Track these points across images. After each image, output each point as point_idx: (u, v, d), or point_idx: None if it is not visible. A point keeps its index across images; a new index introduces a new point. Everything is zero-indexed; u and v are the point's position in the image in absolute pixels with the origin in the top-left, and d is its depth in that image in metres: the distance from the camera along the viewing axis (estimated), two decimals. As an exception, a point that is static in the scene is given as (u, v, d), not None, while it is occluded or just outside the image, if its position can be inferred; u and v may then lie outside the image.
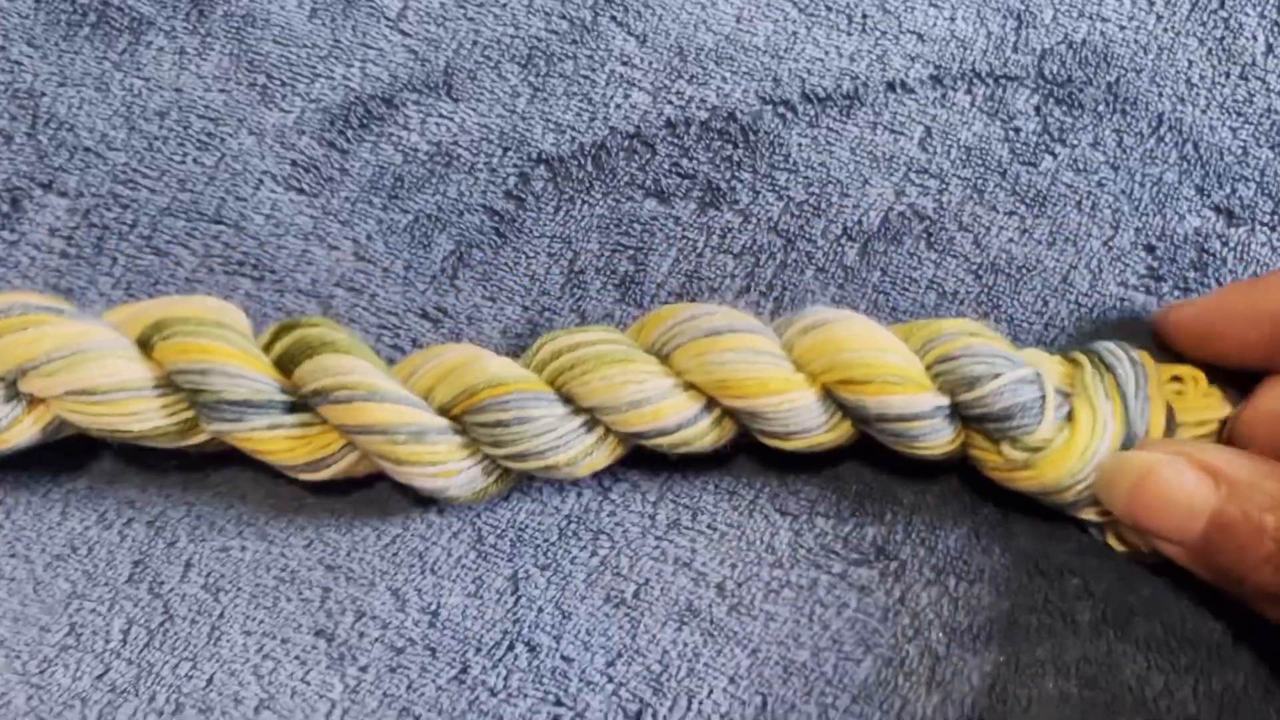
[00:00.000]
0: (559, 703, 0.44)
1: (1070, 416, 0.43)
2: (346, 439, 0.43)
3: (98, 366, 0.42)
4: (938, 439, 0.43)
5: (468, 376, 0.43)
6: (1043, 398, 0.42)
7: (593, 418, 0.44)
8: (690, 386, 0.43)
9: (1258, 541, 0.39)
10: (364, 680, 0.44)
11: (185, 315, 0.43)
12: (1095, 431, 0.42)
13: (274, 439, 0.43)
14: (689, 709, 0.44)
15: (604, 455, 0.44)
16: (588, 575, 0.45)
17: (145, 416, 0.43)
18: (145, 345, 0.43)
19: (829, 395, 0.43)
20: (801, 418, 0.43)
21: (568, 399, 0.43)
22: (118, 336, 0.43)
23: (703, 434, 0.44)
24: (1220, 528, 0.40)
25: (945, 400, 0.43)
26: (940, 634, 0.45)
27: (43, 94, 0.50)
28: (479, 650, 0.44)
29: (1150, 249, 0.48)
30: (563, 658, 0.45)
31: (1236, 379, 0.45)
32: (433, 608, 0.45)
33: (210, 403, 0.42)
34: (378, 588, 0.45)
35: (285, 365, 0.43)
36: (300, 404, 0.43)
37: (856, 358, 0.42)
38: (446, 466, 0.43)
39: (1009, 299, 0.48)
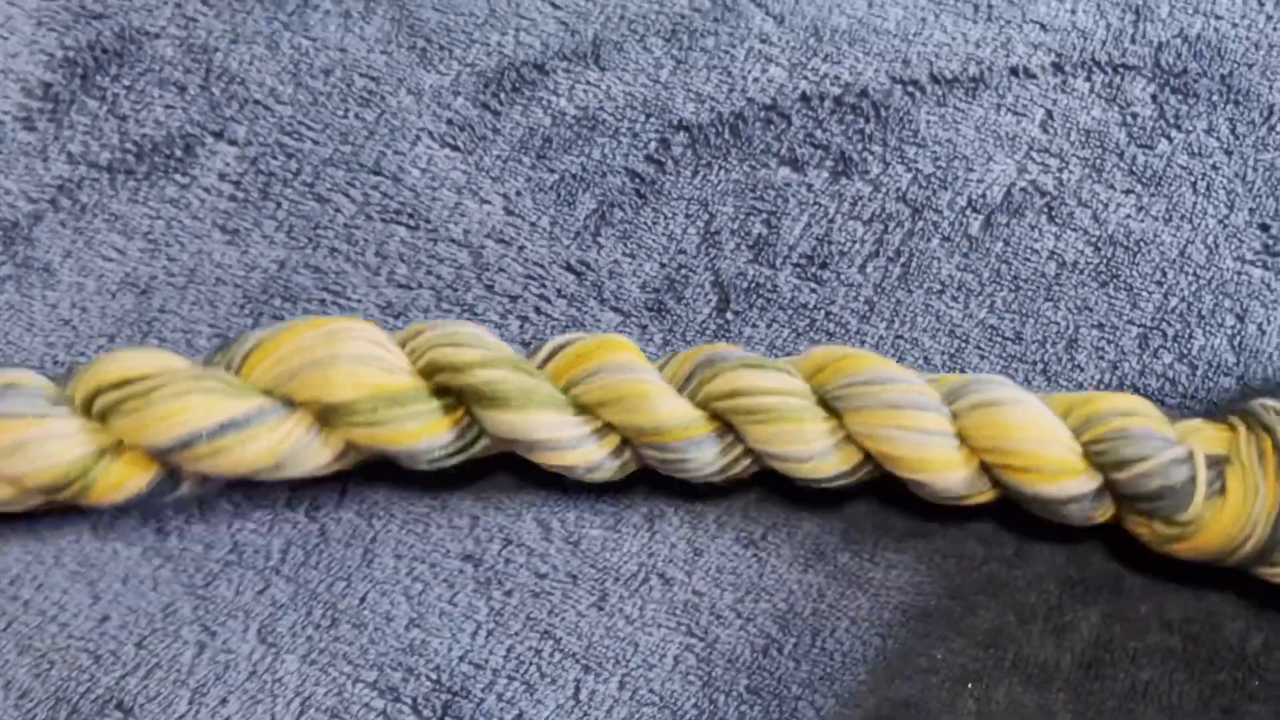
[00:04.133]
0: (690, 634, 0.47)
1: (1223, 488, 0.44)
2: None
3: None
4: (1088, 514, 0.45)
5: (637, 416, 0.45)
6: (1194, 478, 0.43)
7: (747, 450, 0.46)
8: (850, 441, 0.45)
9: None
10: (508, 604, 0.47)
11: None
12: (1247, 500, 0.43)
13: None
14: (813, 645, 0.47)
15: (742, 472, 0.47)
16: (718, 516, 0.48)
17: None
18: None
19: (985, 470, 0.45)
20: (954, 488, 0.45)
21: (734, 436, 0.45)
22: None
23: (847, 482, 0.46)
24: None
25: (1097, 482, 0.44)
26: (1054, 586, 0.47)
27: (216, 49, 0.54)
28: (617, 580, 0.47)
29: (1265, 227, 0.51)
30: (694, 592, 0.47)
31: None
32: (574, 539, 0.47)
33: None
34: (524, 518, 0.48)
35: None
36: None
37: (1020, 447, 0.44)
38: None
39: (1127, 269, 0.50)
